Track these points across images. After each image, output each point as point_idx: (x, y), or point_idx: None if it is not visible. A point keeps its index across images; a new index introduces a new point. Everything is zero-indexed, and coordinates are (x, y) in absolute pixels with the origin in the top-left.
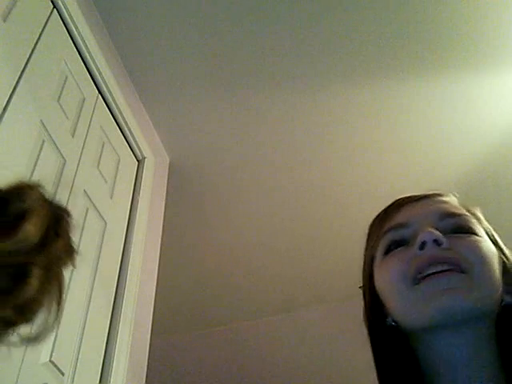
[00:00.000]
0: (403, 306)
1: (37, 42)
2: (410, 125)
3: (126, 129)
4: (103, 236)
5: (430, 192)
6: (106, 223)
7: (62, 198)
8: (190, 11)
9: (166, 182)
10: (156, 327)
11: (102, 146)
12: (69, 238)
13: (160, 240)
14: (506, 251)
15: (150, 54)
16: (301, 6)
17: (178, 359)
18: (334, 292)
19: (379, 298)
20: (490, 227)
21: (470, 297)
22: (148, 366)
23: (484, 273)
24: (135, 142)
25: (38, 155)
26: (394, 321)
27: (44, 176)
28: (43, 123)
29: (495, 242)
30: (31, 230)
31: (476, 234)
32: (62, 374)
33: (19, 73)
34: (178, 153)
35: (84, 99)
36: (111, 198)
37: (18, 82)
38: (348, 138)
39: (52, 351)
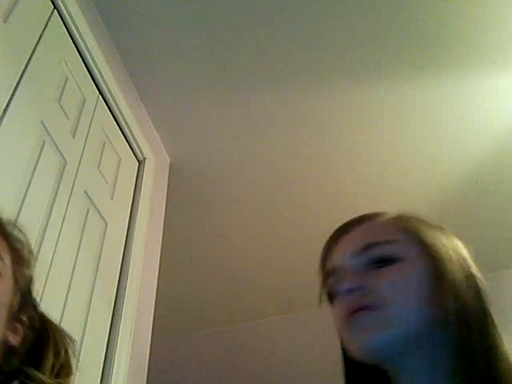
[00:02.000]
0: (347, 346)
1: (37, 43)
2: (410, 125)
3: (126, 129)
4: (104, 236)
5: (355, 219)
6: (106, 224)
7: (62, 199)
8: (190, 11)
9: (166, 182)
10: (157, 328)
11: (103, 147)
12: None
13: (161, 240)
14: (439, 254)
15: (151, 55)
16: (301, 7)
17: (178, 360)
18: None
19: None
20: (429, 241)
21: (384, 331)
22: (149, 366)
23: (399, 303)
24: (136, 142)
25: (39, 156)
26: None
27: (44, 176)
28: (44, 124)
29: (434, 255)
30: None
31: (392, 261)
32: None
33: (20, 73)
34: (179, 153)
35: (85, 100)
36: (112, 198)
37: (18, 83)
38: (348, 139)
39: None
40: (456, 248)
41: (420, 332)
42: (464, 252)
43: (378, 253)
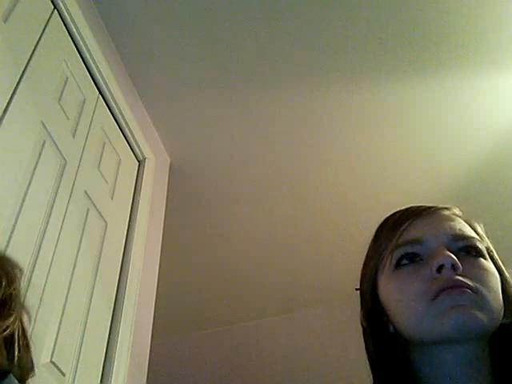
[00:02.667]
0: (418, 323)
1: (37, 43)
2: (410, 125)
3: (126, 129)
4: (104, 236)
5: (440, 206)
6: (106, 224)
7: (62, 199)
8: (190, 11)
9: (166, 182)
10: (157, 328)
11: (103, 147)
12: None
13: (160, 240)
14: (505, 272)
15: (151, 55)
16: (300, 7)
17: (178, 360)
18: (334, 292)
19: (380, 306)
20: (489, 245)
21: (482, 314)
22: (149, 366)
23: (491, 296)
24: (136, 142)
25: (39, 156)
26: (395, 330)
27: (44, 176)
28: (44, 124)
29: (495, 262)
30: None
31: (483, 257)
32: (63, 374)
33: (20, 74)
34: (179, 153)
35: (85, 100)
36: (112, 198)
37: (18, 83)
38: (348, 139)
39: (53, 352)
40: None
41: (490, 331)
42: None
43: (471, 244)
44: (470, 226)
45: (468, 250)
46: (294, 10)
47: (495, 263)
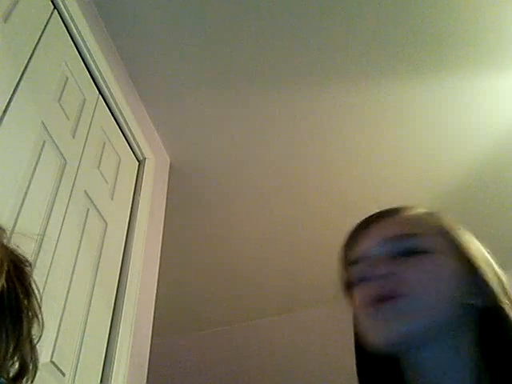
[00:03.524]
0: (367, 336)
1: (37, 43)
2: (410, 125)
3: (126, 129)
4: (104, 237)
5: (384, 211)
6: (106, 224)
7: (62, 199)
8: (191, 11)
9: (166, 182)
10: (157, 327)
11: (103, 147)
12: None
13: (161, 240)
14: (472, 258)
15: (151, 55)
16: (301, 8)
17: (178, 359)
18: (334, 292)
19: None
20: (460, 238)
21: (404, 322)
22: (149, 366)
23: (426, 293)
24: (136, 142)
25: (39, 156)
26: None
27: (44, 176)
28: (44, 124)
29: (465, 252)
30: None
31: (419, 253)
32: (63, 374)
33: (20, 74)
34: (179, 153)
35: (85, 100)
36: (112, 198)
37: (18, 83)
38: (348, 139)
39: (53, 352)
40: (480, 246)
41: (443, 325)
42: (485, 250)
43: (408, 243)
44: (416, 220)
45: (404, 252)
46: (294, 10)
47: (459, 246)
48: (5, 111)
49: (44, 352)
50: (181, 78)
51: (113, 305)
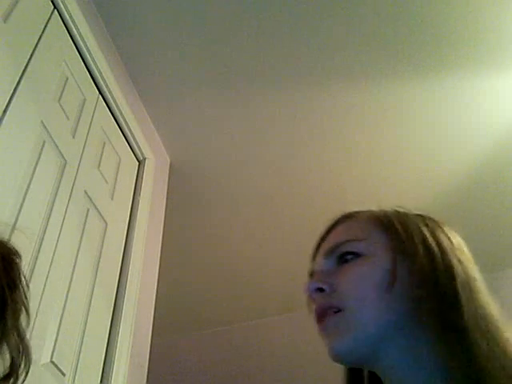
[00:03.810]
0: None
1: (37, 43)
2: (410, 125)
3: (126, 129)
4: (104, 237)
5: (334, 221)
6: (106, 224)
7: (62, 199)
8: (191, 12)
9: (166, 182)
10: (157, 327)
11: (103, 147)
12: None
13: (161, 240)
14: (417, 255)
15: (151, 55)
16: (300, 8)
17: (178, 359)
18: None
19: None
20: (401, 236)
21: (347, 337)
22: (149, 366)
23: (359, 302)
24: (136, 142)
25: (39, 156)
26: None
27: (44, 176)
28: (44, 124)
29: (404, 250)
30: None
31: (359, 258)
32: (63, 374)
33: (20, 74)
34: (179, 153)
35: (85, 100)
36: (112, 198)
37: (18, 83)
38: (348, 139)
39: (53, 352)
40: (445, 242)
41: (388, 328)
42: (454, 245)
43: (343, 250)
44: (358, 225)
45: (341, 260)
46: (294, 10)
47: (399, 245)
48: (5, 111)
49: (44, 352)
50: (181, 77)
51: (113, 305)
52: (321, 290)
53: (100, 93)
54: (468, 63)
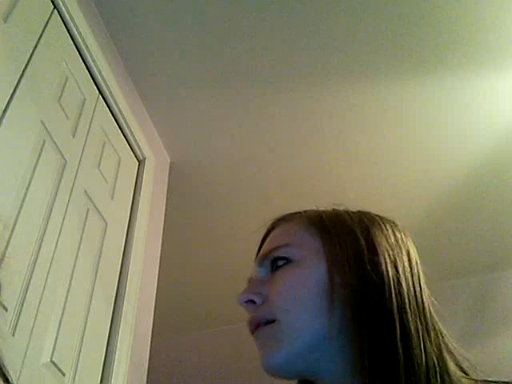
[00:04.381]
0: None
1: (37, 43)
2: (410, 125)
3: (126, 129)
4: (104, 236)
5: (270, 225)
6: (106, 223)
7: (62, 199)
8: (190, 11)
9: (166, 182)
10: (157, 327)
11: (103, 147)
12: None
13: (161, 240)
14: (342, 265)
15: (151, 55)
16: (300, 8)
17: (179, 359)
18: None
19: None
20: (332, 240)
21: (281, 347)
22: (149, 366)
23: (287, 312)
24: (136, 142)
25: (39, 155)
26: None
27: (44, 176)
28: (44, 123)
29: (330, 255)
30: None
31: (289, 264)
32: (63, 374)
33: (20, 73)
34: (179, 153)
35: (85, 100)
36: (112, 198)
37: (18, 83)
38: (348, 139)
39: (53, 351)
40: (382, 243)
41: (319, 341)
42: (391, 245)
43: (274, 255)
44: (291, 230)
45: (275, 265)
46: (294, 10)
47: (327, 250)
48: (5, 111)
49: (44, 352)
50: (181, 78)
51: (113, 305)
52: (249, 302)
53: (100, 93)
54: (468, 63)
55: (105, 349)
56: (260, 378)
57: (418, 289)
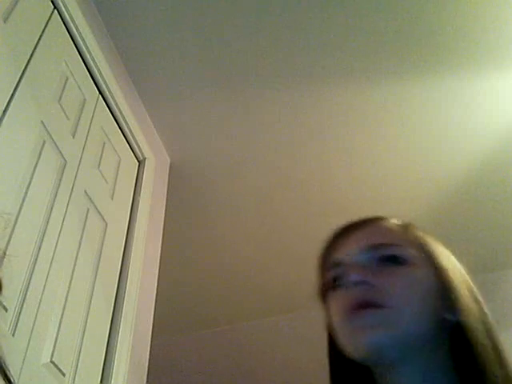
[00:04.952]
0: (343, 343)
1: (37, 43)
2: (410, 125)
3: (126, 129)
4: (104, 237)
5: (366, 219)
6: (106, 224)
7: (62, 199)
8: (190, 12)
9: (166, 182)
10: (157, 327)
11: (103, 147)
12: None
13: (161, 240)
14: (445, 272)
15: (151, 55)
16: (300, 8)
17: (178, 359)
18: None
19: None
20: (432, 250)
21: (390, 332)
22: (149, 366)
23: (405, 305)
24: (136, 142)
25: (39, 156)
26: None
27: (44, 176)
28: (44, 124)
29: (439, 265)
30: None
31: (403, 264)
32: (63, 374)
33: (20, 73)
34: (179, 153)
35: (85, 100)
36: (112, 198)
37: (18, 83)
38: (348, 139)
39: (53, 352)
40: (453, 258)
41: (420, 338)
42: (458, 262)
43: (388, 252)
44: (397, 231)
45: (385, 260)
46: (294, 11)
47: (433, 259)
48: (5, 111)
49: (44, 352)
50: (181, 77)
51: (113, 305)
52: (362, 283)
53: (100, 93)
54: (468, 63)
55: (105, 349)
56: (260, 378)
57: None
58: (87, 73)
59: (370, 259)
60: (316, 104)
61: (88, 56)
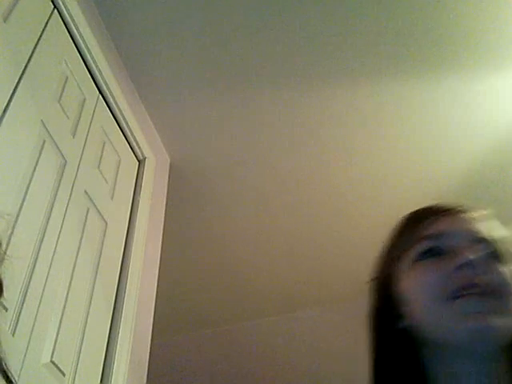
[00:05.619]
0: (435, 320)
1: (37, 43)
2: (410, 125)
3: (126, 129)
4: (104, 236)
5: (466, 206)
6: (106, 224)
7: (62, 199)
8: (191, 12)
9: (166, 182)
10: (157, 327)
11: (103, 147)
12: None
13: (161, 240)
14: None
15: (151, 55)
16: (300, 8)
17: (178, 359)
18: (333, 292)
19: (393, 299)
20: (508, 251)
21: (502, 322)
22: (149, 366)
23: (510, 302)
24: (136, 142)
25: (39, 155)
26: (409, 326)
27: (44, 176)
28: (44, 123)
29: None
30: None
31: (503, 262)
32: (63, 374)
33: (20, 73)
34: (179, 153)
35: (85, 99)
36: (112, 198)
37: (18, 83)
38: (348, 139)
39: (53, 352)
40: None
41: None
42: None
43: (495, 248)
44: (494, 228)
45: (492, 254)
46: (294, 11)
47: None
48: (5, 111)
49: (44, 352)
50: (181, 78)
51: (113, 305)
52: (479, 266)
53: (100, 92)
54: (468, 63)
55: (105, 349)
56: (260, 378)
57: None
58: (87, 72)
59: (479, 249)
60: (316, 104)
61: (88, 56)
